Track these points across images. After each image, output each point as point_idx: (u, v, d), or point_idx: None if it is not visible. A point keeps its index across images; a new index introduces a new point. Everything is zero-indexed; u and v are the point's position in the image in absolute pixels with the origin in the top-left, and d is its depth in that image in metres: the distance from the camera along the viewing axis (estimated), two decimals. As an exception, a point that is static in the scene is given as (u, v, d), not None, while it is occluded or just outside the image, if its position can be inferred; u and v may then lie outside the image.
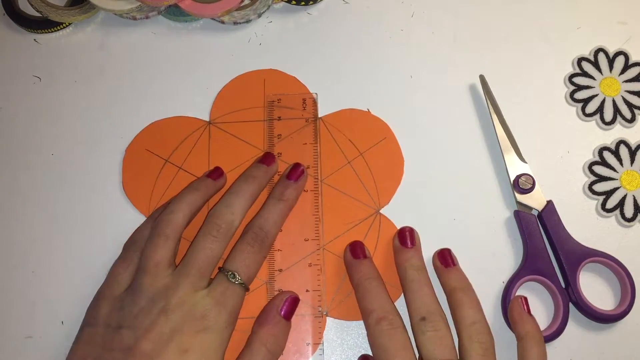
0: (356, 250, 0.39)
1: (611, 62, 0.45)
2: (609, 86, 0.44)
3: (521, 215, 0.40)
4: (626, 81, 0.44)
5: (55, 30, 0.45)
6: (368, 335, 0.36)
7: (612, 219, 0.42)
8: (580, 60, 0.45)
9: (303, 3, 0.45)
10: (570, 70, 0.45)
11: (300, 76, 0.44)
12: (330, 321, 0.39)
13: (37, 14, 0.45)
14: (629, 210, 0.42)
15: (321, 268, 0.40)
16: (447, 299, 0.38)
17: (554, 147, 0.43)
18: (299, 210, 0.40)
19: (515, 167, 0.41)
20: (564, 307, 0.38)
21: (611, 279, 0.40)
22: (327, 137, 0.42)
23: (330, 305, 0.39)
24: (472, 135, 0.43)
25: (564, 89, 0.44)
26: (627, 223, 0.41)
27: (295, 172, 0.40)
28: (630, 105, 0.44)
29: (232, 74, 0.44)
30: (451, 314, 0.37)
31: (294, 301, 0.37)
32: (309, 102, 0.43)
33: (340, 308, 0.39)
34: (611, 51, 0.45)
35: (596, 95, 0.44)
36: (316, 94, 0.43)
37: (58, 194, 0.42)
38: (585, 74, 0.45)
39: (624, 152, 0.43)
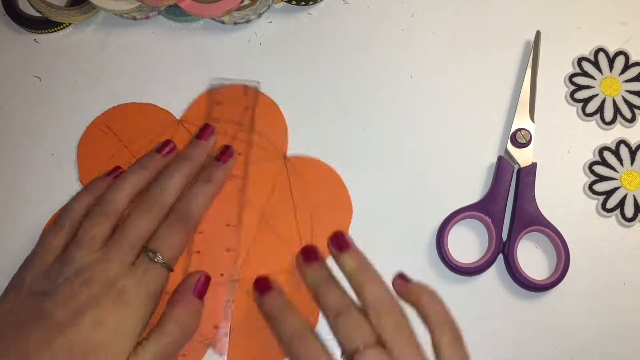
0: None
1: (611, 62, 0.45)
2: (609, 86, 0.44)
3: (502, 161, 0.41)
4: (626, 81, 0.44)
5: (55, 31, 0.45)
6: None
7: (612, 219, 0.42)
8: (580, 60, 0.45)
9: (303, 3, 0.45)
10: (570, 70, 0.45)
11: (300, 76, 0.44)
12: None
13: (37, 14, 0.45)
14: (629, 210, 0.42)
15: (238, 253, 0.39)
16: (349, 283, 0.37)
17: (554, 147, 0.43)
18: (223, 195, 0.40)
19: (520, 122, 0.42)
20: (494, 252, 0.40)
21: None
22: (283, 178, 0.41)
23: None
24: (473, 134, 0.43)
25: (564, 89, 0.44)
26: (627, 223, 0.41)
27: (225, 153, 0.40)
28: (630, 105, 0.44)
29: (232, 74, 0.44)
30: (356, 297, 0.36)
31: (207, 280, 0.38)
32: (251, 90, 0.43)
33: (237, 348, 0.38)
34: (611, 51, 0.45)
35: (596, 95, 0.44)
36: (259, 82, 0.43)
37: (58, 195, 0.42)
38: (585, 73, 0.45)
39: (624, 152, 0.43)
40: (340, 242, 0.38)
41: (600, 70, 0.45)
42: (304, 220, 0.41)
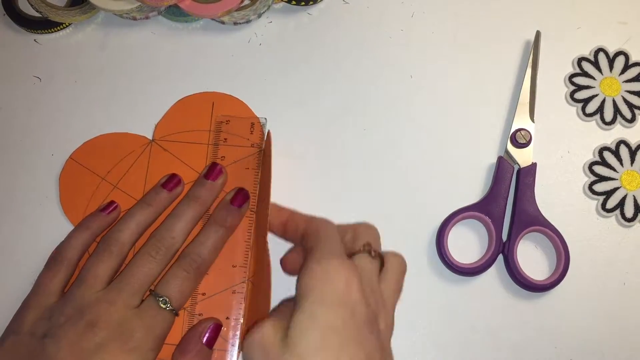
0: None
1: (611, 62, 0.45)
2: (609, 86, 0.44)
3: (502, 161, 0.41)
4: (626, 81, 0.44)
5: (55, 31, 0.45)
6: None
7: (612, 219, 0.42)
8: (580, 60, 0.45)
9: (303, 3, 0.45)
10: (570, 70, 0.45)
11: (300, 76, 0.44)
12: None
13: (37, 14, 0.45)
14: (629, 210, 0.42)
15: (245, 296, 0.38)
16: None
17: (554, 147, 0.43)
18: (232, 235, 0.39)
19: (520, 122, 0.42)
20: (494, 252, 0.40)
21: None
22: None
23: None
24: (473, 134, 0.43)
25: (564, 89, 0.44)
26: (627, 223, 0.41)
27: (240, 197, 0.39)
28: (630, 105, 0.44)
29: (232, 74, 0.44)
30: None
31: (217, 328, 0.36)
32: (257, 126, 0.41)
33: None
34: (611, 51, 0.45)
35: (596, 95, 0.44)
36: (265, 119, 0.42)
37: (58, 195, 0.42)
38: (585, 74, 0.45)
39: (624, 152, 0.43)
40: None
41: (600, 70, 0.45)
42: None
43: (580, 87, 0.44)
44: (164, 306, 0.35)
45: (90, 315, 0.34)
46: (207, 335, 0.36)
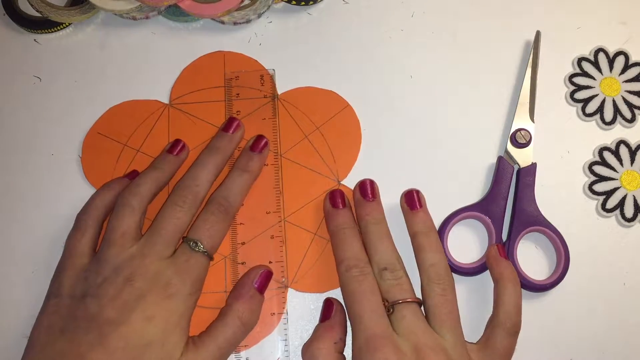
0: (335, 199, 0.39)
1: (611, 62, 0.45)
2: (609, 86, 0.44)
3: (502, 161, 0.41)
4: (626, 81, 0.44)
5: (55, 31, 0.45)
6: (340, 281, 0.37)
7: (612, 219, 0.42)
8: (580, 60, 0.45)
9: (303, 3, 0.45)
10: (570, 70, 0.45)
11: (300, 76, 0.44)
12: (292, 292, 0.40)
13: (37, 14, 0.45)
14: (629, 210, 0.42)
15: (283, 240, 0.40)
16: (411, 241, 0.39)
17: (554, 147, 0.43)
18: (260, 184, 0.41)
19: (520, 122, 0.42)
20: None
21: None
22: (284, 114, 0.43)
23: (294, 278, 0.40)
24: (473, 134, 0.43)
25: (564, 89, 0.44)
26: (627, 223, 0.41)
27: (259, 143, 0.41)
28: (630, 105, 0.44)
29: (232, 74, 0.44)
30: (414, 256, 0.38)
31: (268, 275, 0.38)
32: (267, 78, 0.43)
33: (303, 280, 0.40)
34: (611, 51, 0.45)
35: (596, 95, 0.44)
36: (273, 69, 0.43)
37: (58, 195, 0.42)
38: (585, 74, 0.45)
39: (624, 152, 0.43)
40: (413, 200, 0.40)
41: (600, 70, 0.45)
42: (319, 142, 0.42)
43: (580, 87, 0.44)
44: (195, 249, 0.36)
45: (126, 271, 0.34)
46: (258, 281, 0.37)
